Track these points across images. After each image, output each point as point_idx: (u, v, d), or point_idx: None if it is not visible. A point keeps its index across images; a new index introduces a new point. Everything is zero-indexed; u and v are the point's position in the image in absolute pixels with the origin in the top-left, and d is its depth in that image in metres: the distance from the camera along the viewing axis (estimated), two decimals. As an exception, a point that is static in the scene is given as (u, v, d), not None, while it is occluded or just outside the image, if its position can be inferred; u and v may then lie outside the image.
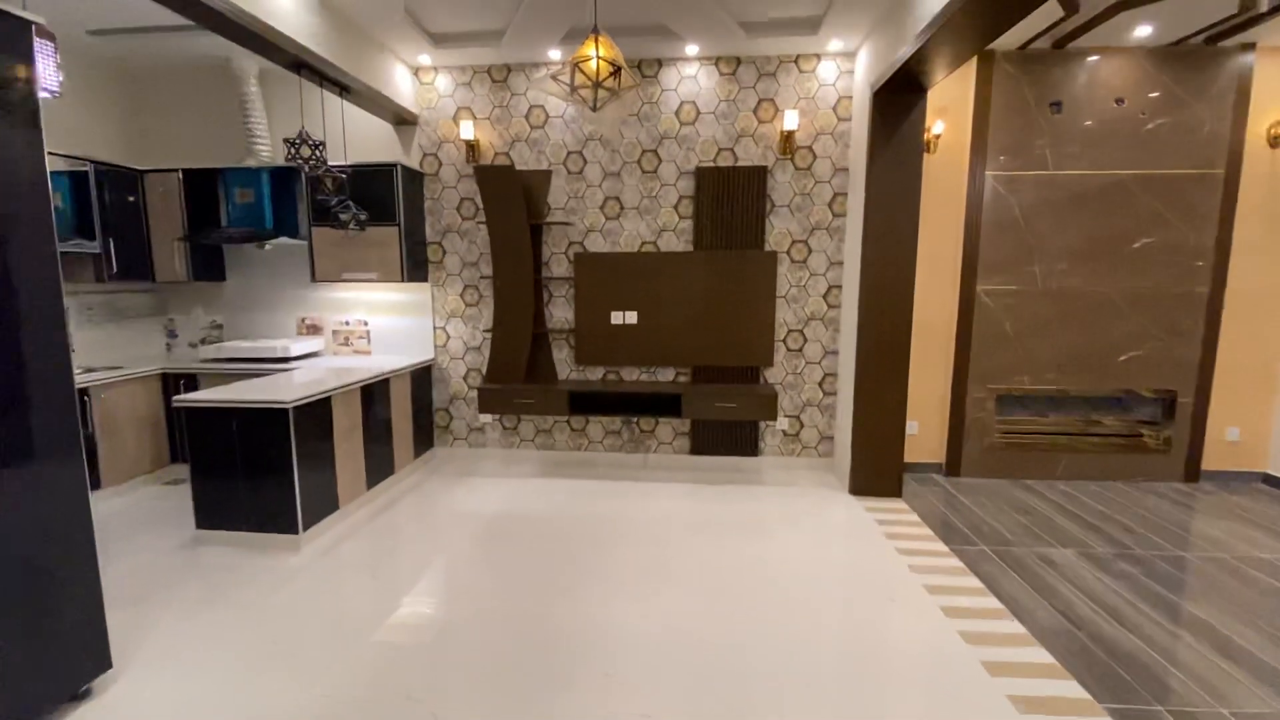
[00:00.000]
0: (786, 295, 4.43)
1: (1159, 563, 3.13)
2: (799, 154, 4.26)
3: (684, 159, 4.33)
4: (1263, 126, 4.02)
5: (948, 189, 4.24)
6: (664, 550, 3.25)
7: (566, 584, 2.89)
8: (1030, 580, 2.95)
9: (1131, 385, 4.28)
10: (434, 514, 3.79)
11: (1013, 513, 3.80)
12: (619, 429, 4.67)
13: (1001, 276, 4.24)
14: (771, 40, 3.93)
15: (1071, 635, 2.49)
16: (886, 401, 3.95)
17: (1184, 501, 4.00)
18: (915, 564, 3.09)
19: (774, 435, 4.59)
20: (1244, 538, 3.45)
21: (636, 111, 4.30)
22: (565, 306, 4.54)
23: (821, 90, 4.20)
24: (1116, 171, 4.08)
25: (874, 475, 4.03)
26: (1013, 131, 4.11)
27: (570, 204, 4.44)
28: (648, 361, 4.49)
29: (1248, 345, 4.21)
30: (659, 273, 4.37)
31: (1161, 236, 4.11)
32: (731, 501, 3.96)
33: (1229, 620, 2.61)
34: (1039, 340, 4.27)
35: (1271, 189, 4.08)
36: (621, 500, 3.97)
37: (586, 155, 4.38)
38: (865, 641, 2.45)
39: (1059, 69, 4.04)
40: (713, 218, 4.32)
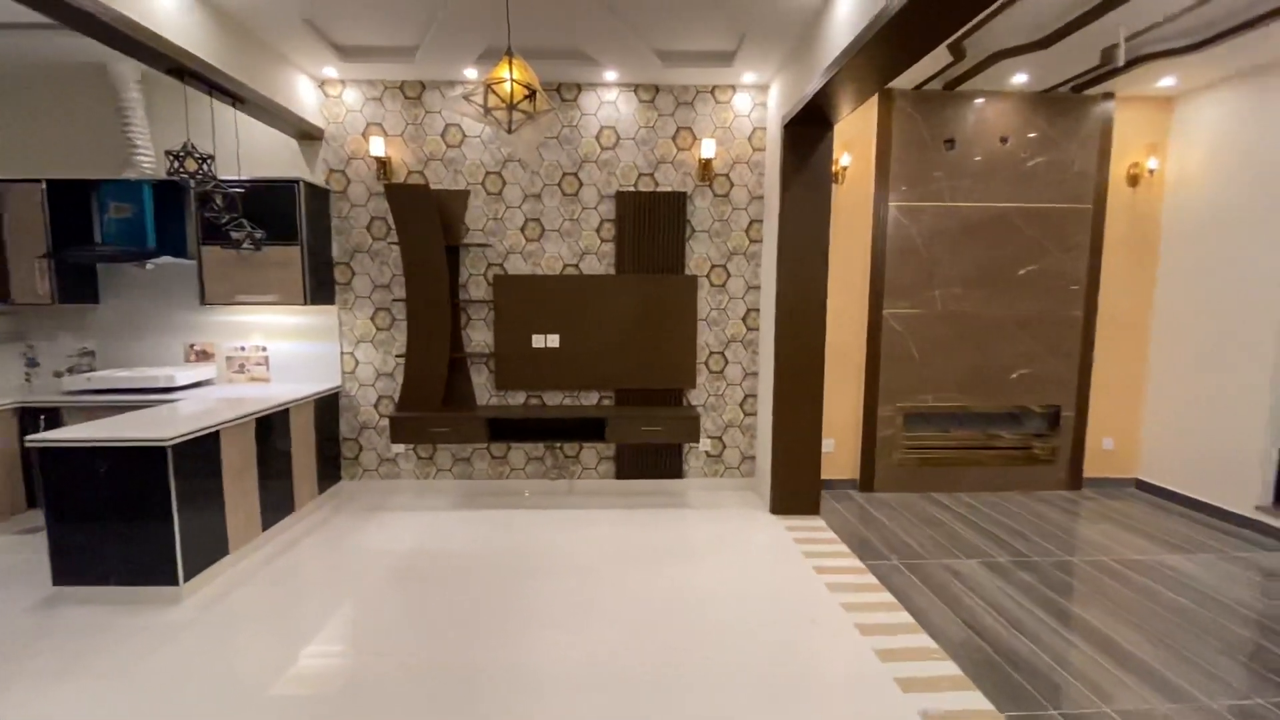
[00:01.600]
0: (707, 318, 4.49)
1: (1051, 569, 3.35)
2: (717, 181, 4.36)
3: (605, 183, 4.33)
4: (1123, 167, 4.48)
5: (855, 218, 4.45)
6: (589, 581, 3.17)
7: (486, 623, 2.75)
8: (938, 592, 3.07)
9: (1022, 401, 4.61)
10: (341, 553, 3.53)
11: (922, 526, 3.97)
12: (542, 455, 4.56)
13: (905, 300, 4.49)
14: (688, 71, 4.01)
15: (976, 646, 2.61)
16: (803, 421, 4.05)
17: (1070, 508, 4.33)
18: (833, 582, 3.16)
19: (697, 457, 4.62)
20: (1122, 541, 3.76)
21: (556, 134, 4.27)
22: (484, 330, 4.40)
23: (737, 120, 4.33)
24: (1002, 204, 4.43)
25: (793, 494, 4.12)
26: (912, 165, 4.39)
27: (489, 225, 4.33)
28: (571, 385, 4.42)
29: (1118, 363, 4.65)
30: (581, 295, 4.32)
31: (1042, 264, 4.49)
32: (657, 526, 3.92)
33: (1112, 622, 2.81)
34: (940, 360, 4.54)
35: (1132, 223, 4.54)
36: (545, 529, 3.85)
37: (506, 176, 4.30)
38: (787, 666, 2.46)
39: (950, 109, 4.36)
40: (634, 241, 4.33)
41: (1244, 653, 2.58)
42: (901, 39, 2.51)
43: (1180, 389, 4.42)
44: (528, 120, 2.87)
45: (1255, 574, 3.32)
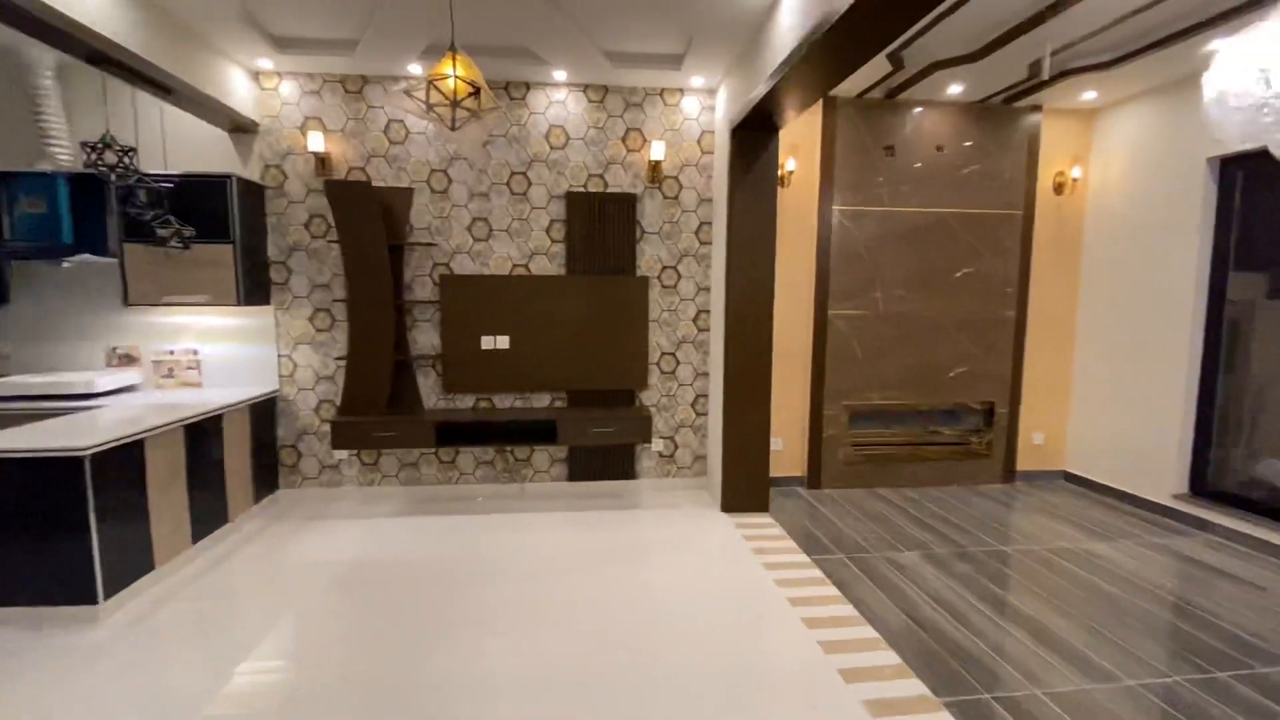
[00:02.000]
0: (659, 319, 4.51)
1: (987, 559, 3.49)
2: (666, 183, 4.39)
3: (554, 183, 4.30)
4: (1049, 175, 4.73)
5: (801, 221, 4.55)
6: (539, 585, 3.13)
7: (432, 631, 2.68)
8: (881, 585, 3.16)
9: (960, 398, 4.80)
10: (279, 564, 3.39)
11: (866, 521, 4.09)
12: (492, 459, 4.48)
13: (850, 302, 4.61)
14: (637, 72, 4.02)
15: (916, 635, 2.69)
16: (752, 420, 4.12)
17: (1004, 501, 4.53)
18: (781, 578, 3.21)
19: (650, 457, 4.63)
20: (1051, 530, 3.95)
21: (506, 133, 4.22)
22: (430, 331, 4.30)
23: (686, 124, 4.36)
24: (940, 209, 4.61)
25: (743, 492, 4.18)
26: (855, 170, 4.52)
27: (435, 224, 4.24)
28: (522, 387, 4.36)
29: (1047, 361, 4.89)
30: (531, 296, 4.27)
31: (977, 267, 4.68)
32: (609, 528, 3.91)
33: (1042, 608, 2.95)
34: (883, 360, 4.68)
35: (1057, 228, 4.79)
36: (497, 534, 3.79)
37: (452, 174, 4.22)
38: (735, 663, 2.49)
39: (891, 116, 4.51)
40: (585, 242, 4.31)
41: (1162, 634, 2.74)
42: (842, 46, 2.58)
43: (1103, 385, 4.69)
44: (472, 118, 2.83)
45: (1172, 559, 3.54)
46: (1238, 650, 2.60)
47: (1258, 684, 2.36)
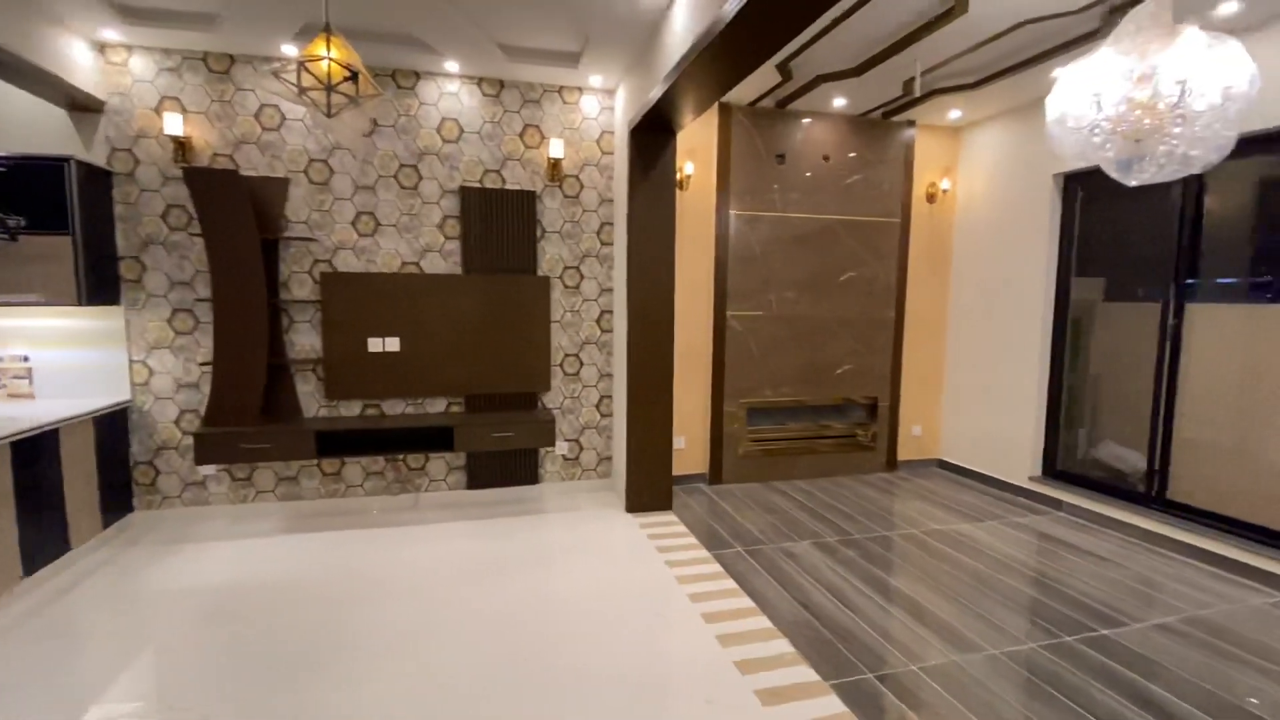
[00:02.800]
0: (561, 320, 4.44)
1: (872, 545, 3.71)
2: (567, 182, 4.33)
3: (448, 177, 4.12)
4: (922, 186, 5.11)
5: (700, 224, 4.64)
6: (431, 601, 2.97)
7: (309, 660, 2.47)
8: (776, 575, 3.27)
9: (847, 394, 5.08)
10: (133, 596, 3.01)
11: (763, 513, 4.22)
12: (383, 469, 4.23)
13: (746, 303, 4.76)
14: (534, 68, 3.94)
15: (807, 622, 2.80)
16: (654, 420, 4.14)
17: (887, 489, 4.84)
18: (682, 574, 3.24)
19: (554, 461, 4.54)
20: (927, 514, 4.26)
21: (394, 124, 3.99)
22: (310, 333, 4.00)
23: (585, 123, 4.33)
24: (827, 216, 4.86)
25: (647, 492, 4.19)
26: (749, 176, 4.67)
27: (314, 218, 3.94)
28: (415, 392, 4.15)
29: (923, 358, 5.28)
30: (425, 296, 4.07)
31: (860, 271, 4.98)
32: (511, 535, 3.79)
33: (919, 587, 3.16)
34: (777, 358, 4.86)
35: (930, 235, 5.19)
36: (387, 550, 3.57)
37: (334, 165, 3.94)
38: (636, 666, 2.47)
39: (782, 125, 4.70)
40: (482, 240, 4.17)
41: (1021, 604, 3.01)
42: (732, 51, 2.64)
43: (970, 380, 5.12)
44: (350, 104, 2.65)
45: (1030, 536, 3.91)
46: (1083, 615, 2.90)
47: (1099, 645, 2.65)
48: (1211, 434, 3.59)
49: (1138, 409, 3.92)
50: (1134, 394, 3.95)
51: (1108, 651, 2.59)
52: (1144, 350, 3.87)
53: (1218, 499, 3.54)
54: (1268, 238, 3.45)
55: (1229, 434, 3.51)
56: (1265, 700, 2.28)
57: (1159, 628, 2.79)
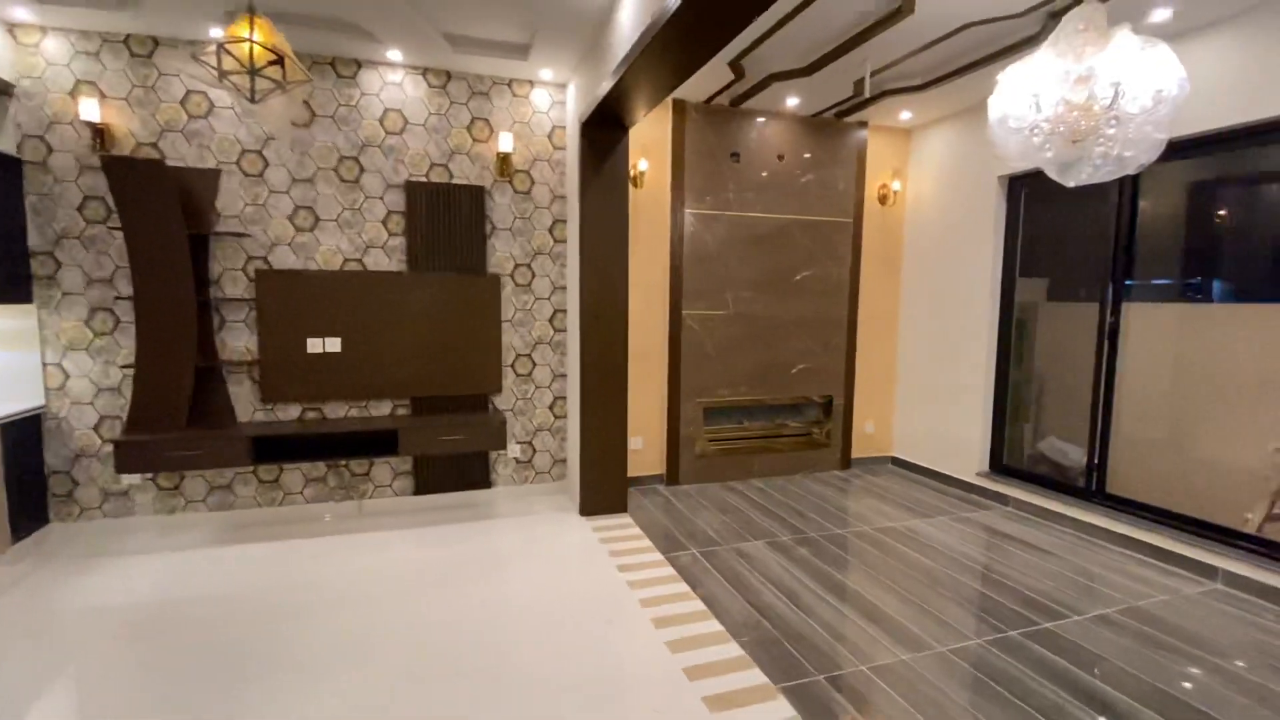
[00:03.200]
0: (513, 319, 4.32)
1: (825, 543, 3.71)
2: (517, 178, 4.22)
3: (392, 171, 3.97)
4: (874, 187, 5.17)
5: (655, 222, 4.59)
6: (372, 612, 2.84)
7: (237, 679, 2.32)
8: (729, 576, 3.24)
9: (803, 393, 5.10)
10: (46, 614, 2.79)
11: (718, 513, 4.19)
12: (324, 475, 4.04)
13: (702, 302, 4.72)
14: (481, 59, 3.82)
15: (758, 624, 2.77)
16: (608, 421, 4.07)
17: (841, 486, 4.87)
18: (633, 579, 3.18)
19: (506, 464, 4.43)
20: (879, 511, 4.29)
21: (333, 113, 3.82)
22: (245, 333, 3.79)
23: (536, 117, 4.22)
24: (782, 216, 4.86)
25: (602, 494, 4.12)
26: (704, 175, 4.63)
27: (248, 211, 3.74)
28: (357, 395, 3.98)
29: (876, 357, 5.35)
30: (368, 294, 3.91)
31: (815, 271, 5.00)
32: (459, 541, 3.67)
33: (870, 585, 3.17)
34: (733, 358, 4.85)
35: (882, 236, 5.25)
36: (329, 560, 3.41)
37: (269, 156, 3.75)
38: (584, 675, 2.40)
39: (736, 124, 4.68)
40: (429, 236, 4.03)
41: (968, 600, 3.04)
42: (677, 45, 2.59)
43: (921, 378, 5.20)
44: (277, 91, 2.50)
45: (978, 531, 3.97)
46: (1027, 609, 2.94)
47: (1042, 639, 2.68)
48: (1147, 429, 3.71)
49: (1080, 406, 4.03)
50: (1076, 391, 4.06)
51: (1051, 645, 2.63)
52: (1086, 349, 3.98)
53: (1154, 492, 3.66)
54: (1198, 239, 3.58)
55: (1163, 429, 3.63)
56: (1198, 686, 2.34)
57: (1099, 619, 2.85)
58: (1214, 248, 3.54)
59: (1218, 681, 2.39)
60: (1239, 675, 2.43)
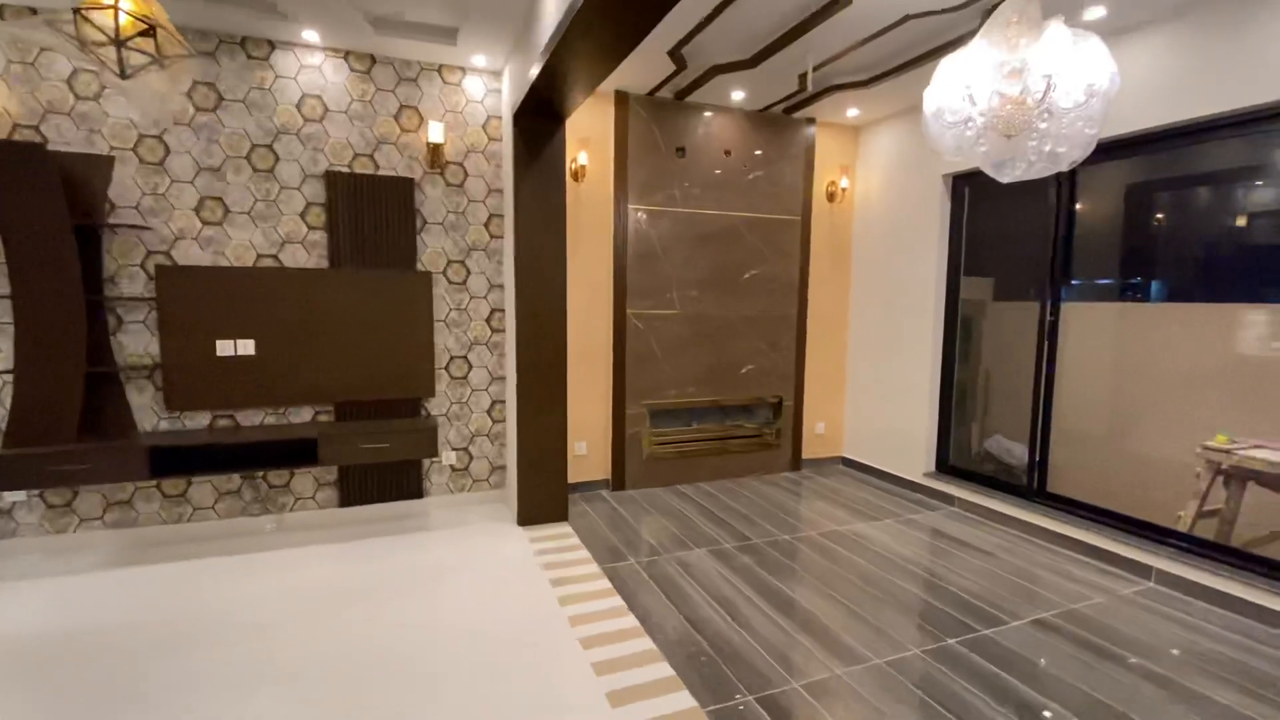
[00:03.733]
0: (447, 319, 4.10)
1: (768, 550, 3.61)
2: (450, 170, 4.00)
3: (311, 161, 3.70)
4: (823, 185, 5.10)
5: (598, 219, 4.42)
6: (282, 639, 2.60)
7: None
8: (667, 588, 3.10)
9: (752, 393, 5.01)
10: (-121, 659, 2.47)
11: (663, 520, 4.06)
12: (239, 488, 3.76)
13: (647, 301, 4.58)
14: (407, 43, 3.59)
15: (692, 641, 2.63)
16: (548, 425, 3.89)
17: (791, 489, 4.79)
18: (566, 594, 3.01)
19: (441, 472, 4.20)
20: (826, 514, 4.22)
21: (244, 97, 3.53)
22: (145, 335, 3.48)
23: (470, 106, 4.01)
24: (730, 213, 4.75)
25: (541, 502, 3.93)
26: (649, 170, 4.48)
27: (147, 203, 3.43)
28: (275, 401, 3.70)
29: (825, 356, 5.29)
30: (285, 293, 3.64)
31: (763, 269, 4.91)
32: (384, 557, 3.44)
33: (810, 595, 3.07)
34: (681, 358, 4.72)
35: (831, 234, 5.20)
36: (239, 580, 3.15)
37: (170, 143, 3.44)
38: (494, 705, 2.22)
39: (682, 118, 4.55)
40: (353, 231, 3.78)
41: (909, 607, 2.97)
42: (600, 27, 2.42)
43: (870, 377, 5.17)
44: (154, 66, 2.24)
45: (922, 533, 3.93)
46: (966, 615, 2.88)
47: (980, 647, 2.62)
48: (1086, 428, 3.72)
49: (1024, 404, 4.02)
50: (1021, 390, 4.05)
51: (988, 653, 2.57)
52: (1029, 347, 3.97)
53: (1092, 490, 3.66)
54: (1133, 240, 3.59)
55: (1101, 427, 3.64)
56: (1129, 694, 2.30)
57: (1037, 624, 2.81)
58: (1148, 248, 3.56)
59: (1149, 688, 2.35)
60: (1168, 679, 2.40)
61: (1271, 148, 2.95)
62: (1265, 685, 2.37)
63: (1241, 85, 2.86)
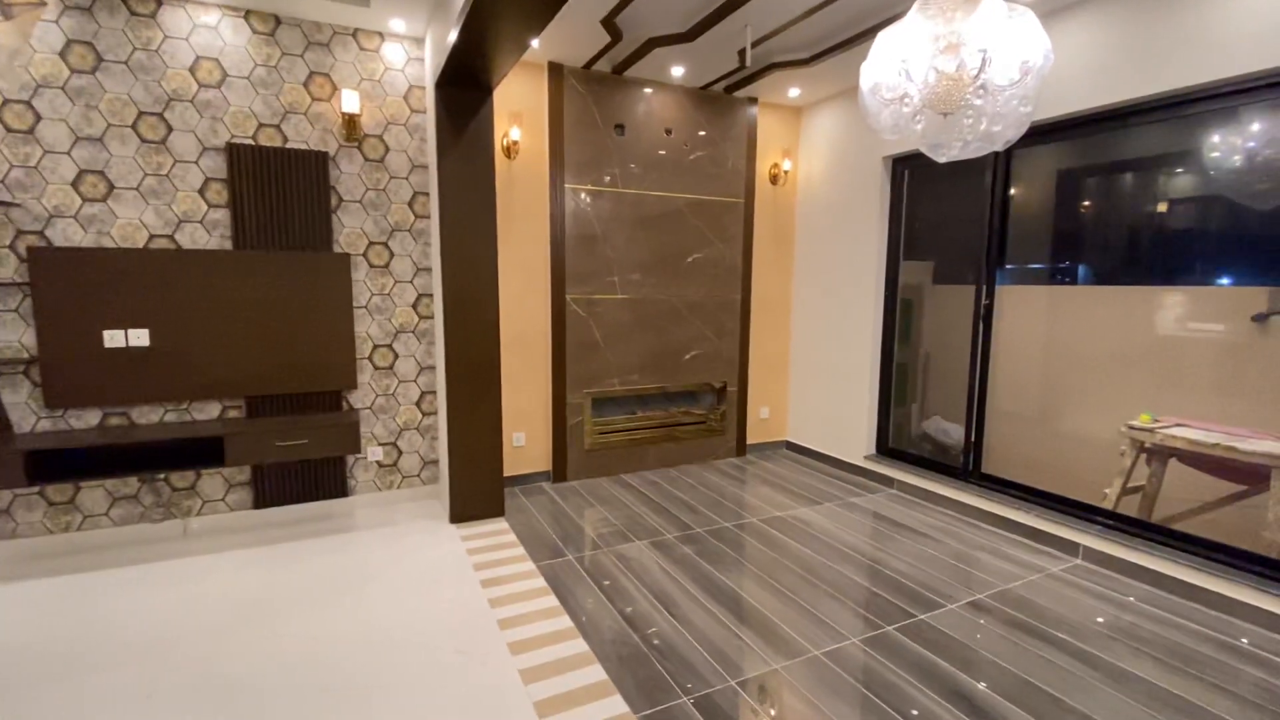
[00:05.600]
0: (369, 305, 3.83)
1: (709, 539, 3.53)
2: (368, 143, 3.71)
3: (209, 131, 3.36)
4: (765, 166, 5.02)
5: (533, 198, 4.21)
6: (178, 658, 2.36)
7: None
8: (604, 584, 2.98)
9: (696, 379, 4.92)
10: None
11: (604, 511, 3.94)
12: (137, 492, 3.43)
13: (587, 286, 4.41)
14: (314, 3, 3.28)
15: (627, 640, 2.52)
16: (481, 417, 3.70)
17: (735, 475, 4.74)
18: (497, 595, 2.86)
19: (367, 469, 3.96)
20: (769, 500, 4.18)
21: (126, 59, 3.16)
22: (19, 325, 3.11)
23: (390, 74, 3.72)
24: (672, 194, 4.61)
25: (474, 498, 3.75)
26: (586, 148, 4.29)
27: (15, 176, 3.04)
28: (174, 396, 3.38)
29: (769, 340, 5.25)
30: (182, 276, 3.31)
31: (707, 253, 4.80)
32: (304, 561, 3.20)
33: (750, 585, 3.01)
34: (623, 345, 4.58)
35: (774, 216, 5.13)
36: (139, 593, 2.86)
37: (40, 108, 3.05)
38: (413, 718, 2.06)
39: (620, 94, 4.36)
40: (258, 209, 3.46)
41: (847, 594, 2.94)
42: (520, -14, 2.23)
43: (812, 360, 5.16)
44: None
45: (863, 517, 3.93)
46: (903, 600, 2.87)
47: (916, 633, 2.60)
48: (1018, 408, 3.78)
49: (962, 387, 4.06)
50: (958, 373, 4.09)
51: (924, 639, 2.55)
52: (966, 330, 4.00)
53: (1024, 470, 3.73)
54: (1064, 224, 3.64)
55: (1033, 408, 3.70)
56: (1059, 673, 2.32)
57: (971, 606, 2.82)
58: (1077, 233, 3.61)
59: (1078, 666, 2.38)
60: (1096, 658, 2.44)
61: (1195, 132, 3.00)
62: (1189, 661, 2.43)
63: (1171, 67, 2.88)
